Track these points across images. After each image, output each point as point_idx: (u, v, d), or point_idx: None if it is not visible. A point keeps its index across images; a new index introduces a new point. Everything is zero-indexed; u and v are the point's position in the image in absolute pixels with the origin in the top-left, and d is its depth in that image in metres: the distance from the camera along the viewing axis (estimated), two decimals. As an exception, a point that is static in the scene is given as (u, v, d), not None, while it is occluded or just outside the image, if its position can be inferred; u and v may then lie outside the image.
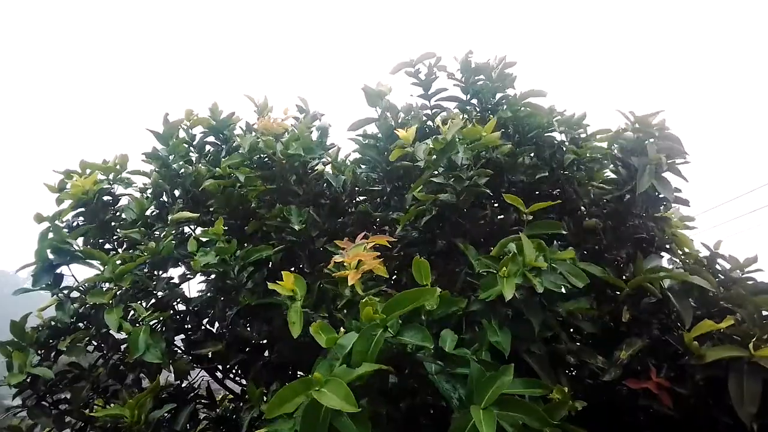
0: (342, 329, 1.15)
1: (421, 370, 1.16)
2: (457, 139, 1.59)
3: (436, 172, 1.63)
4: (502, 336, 1.21)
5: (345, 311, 1.32)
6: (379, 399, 1.12)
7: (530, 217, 1.49)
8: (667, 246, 1.80)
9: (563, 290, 1.60)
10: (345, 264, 1.26)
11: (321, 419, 0.94)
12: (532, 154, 1.91)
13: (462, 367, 1.13)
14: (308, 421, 0.95)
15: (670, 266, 1.72)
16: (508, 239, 1.34)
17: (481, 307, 1.27)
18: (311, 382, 0.97)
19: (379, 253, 1.30)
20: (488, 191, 1.58)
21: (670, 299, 1.42)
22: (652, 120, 1.73)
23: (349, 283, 1.18)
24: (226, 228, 1.69)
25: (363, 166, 2.03)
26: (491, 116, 1.98)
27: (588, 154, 1.84)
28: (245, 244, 1.72)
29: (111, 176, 2.04)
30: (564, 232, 1.54)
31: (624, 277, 1.64)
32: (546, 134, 1.91)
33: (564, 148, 1.89)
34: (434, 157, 1.59)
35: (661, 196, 1.67)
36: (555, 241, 1.69)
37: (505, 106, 1.95)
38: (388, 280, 1.57)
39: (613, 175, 1.86)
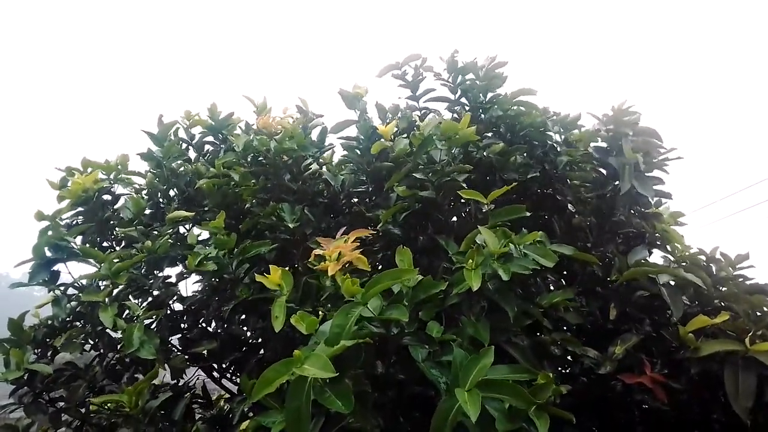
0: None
1: (408, 358, 1.17)
2: (435, 135, 1.60)
3: (417, 167, 1.64)
4: (480, 327, 1.22)
5: (328, 305, 1.34)
6: (366, 381, 1.13)
7: (492, 207, 1.49)
8: (658, 243, 1.81)
9: (552, 287, 1.60)
10: (325, 256, 1.27)
11: (305, 396, 0.96)
12: (524, 153, 1.91)
13: (448, 354, 1.14)
14: (293, 398, 0.97)
15: (666, 264, 1.72)
16: (475, 232, 1.35)
17: (457, 300, 1.28)
18: (293, 362, 0.99)
19: (358, 244, 1.32)
20: (464, 186, 1.59)
21: (663, 294, 1.42)
22: (624, 117, 1.74)
23: (329, 274, 1.19)
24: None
25: (350, 166, 2.04)
26: (482, 115, 1.99)
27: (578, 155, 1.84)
28: (241, 242, 1.74)
29: (112, 175, 2.07)
30: (525, 213, 1.49)
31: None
32: (538, 133, 1.92)
33: (558, 149, 1.90)
34: (412, 152, 1.61)
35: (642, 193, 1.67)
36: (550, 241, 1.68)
37: (495, 106, 1.96)
38: (370, 276, 1.57)
39: (594, 173, 1.87)
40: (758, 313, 1.41)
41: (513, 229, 1.37)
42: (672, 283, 1.46)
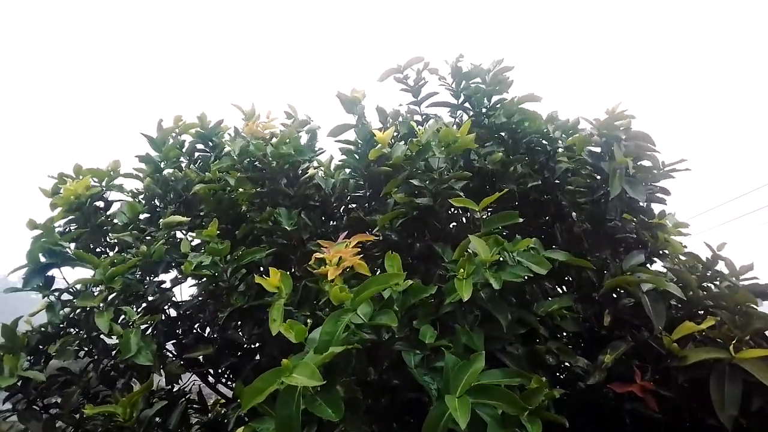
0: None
1: (400, 364, 1.18)
2: (433, 142, 1.60)
3: (415, 174, 1.64)
4: (475, 336, 1.22)
5: (326, 309, 1.34)
6: (356, 388, 1.14)
7: (487, 214, 1.50)
8: (661, 252, 1.82)
9: (549, 294, 1.61)
10: (326, 261, 1.28)
11: (295, 405, 0.96)
12: (525, 160, 1.91)
13: (441, 360, 1.14)
14: (283, 407, 0.97)
15: (664, 270, 1.73)
16: (467, 241, 1.34)
17: (451, 309, 1.28)
18: (282, 371, 0.99)
19: (359, 250, 1.33)
20: (461, 194, 1.58)
21: (645, 304, 1.41)
22: (616, 121, 1.74)
23: (329, 278, 1.20)
24: (217, 232, 1.71)
25: (347, 171, 2.05)
26: (485, 121, 2.00)
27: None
28: (237, 248, 1.74)
29: (104, 182, 2.06)
30: (518, 219, 1.47)
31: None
32: (541, 140, 1.92)
33: (556, 156, 1.90)
34: (410, 159, 1.61)
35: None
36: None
37: (499, 111, 1.95)
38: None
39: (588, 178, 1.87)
40: (751, 308, 1.40)
41: (511, 237, 1.37)
42: (655, 291, 1.44)
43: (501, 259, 1.29)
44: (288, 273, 1.89)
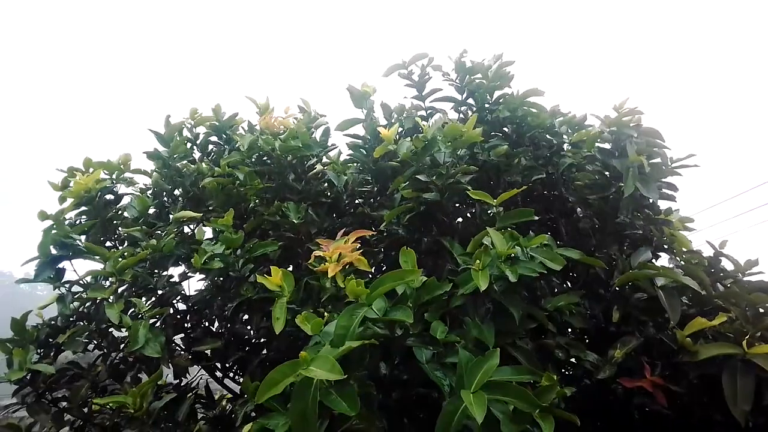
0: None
1: (412, 360, 1.18)
2: (439, 137, 1.60)
3: (421, 169, 1.64)
4: (485, 330, 1.22)
5: (329, 306, 1.34)
6: (370, 383, 1.13)
7: (500, 209, 1.49)
8: (666, 246, 1.81)
9: (556, 290, 1.61)
10: (326, 258, 1.28)
11: (311, 398, 0.96)
12: (529, 155, 1.91)
13: (452, 356, 1.14)
14: (299, 400, 0.97)
15: (671, 265, 1.73)
16: (482, 234, 1.34)
17: (462, 302, 1.28)
18: (299, 363, 0.99)
19: (359, 245, 1.32)
20: (468, 188, 1.58)
21: (661, 297, 1.41)
22: (626, 117, 1.74)
23: (329, 275, 1.19)
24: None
25: (354, 165, 2.04)
26: (488, 116, 2.00)
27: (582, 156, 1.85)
28: (245, 241, 1.74)
29: (114, 175, 2.07)
30: (533, 216, 1.48)
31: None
32: (546, 135, 1.92)
33: (562, 152, 1.90)
34: (416, 154, 1.61)
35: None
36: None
37: (502, 106, 1.95)
38: (373, 277, 1.58)
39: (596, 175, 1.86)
40: (761, 310, 1.40)
41: (520, 232, 1.37)
42: (670, 286, 1.45)
43: (514, 254, 1.29)
44: (295, 267, 1.90)
